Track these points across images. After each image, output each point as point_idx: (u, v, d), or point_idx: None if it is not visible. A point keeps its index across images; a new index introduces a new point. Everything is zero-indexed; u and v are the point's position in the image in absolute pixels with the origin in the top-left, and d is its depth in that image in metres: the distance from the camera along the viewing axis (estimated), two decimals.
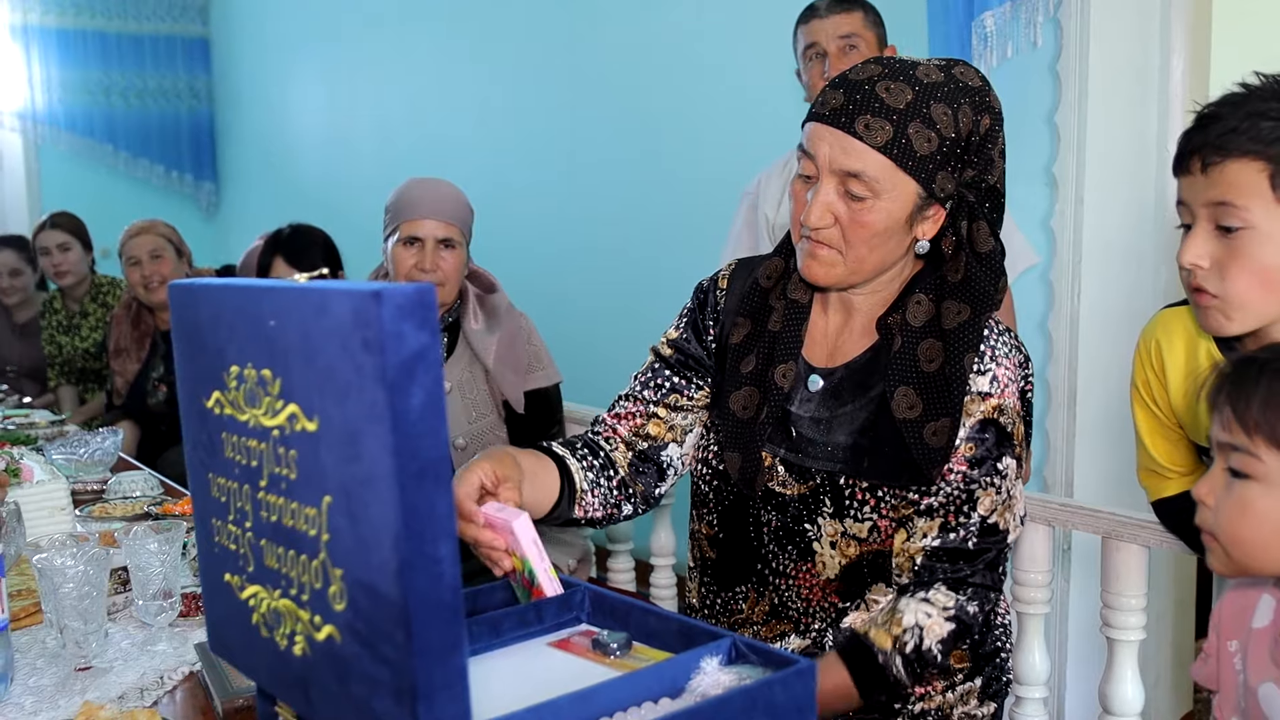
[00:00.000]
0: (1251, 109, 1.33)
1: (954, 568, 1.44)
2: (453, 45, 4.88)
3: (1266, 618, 1.20)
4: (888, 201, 1.40)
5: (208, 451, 0.98)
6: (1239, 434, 1.11)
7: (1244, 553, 1.13)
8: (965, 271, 1.45)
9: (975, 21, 2.71)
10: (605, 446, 1.61)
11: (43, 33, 6.42)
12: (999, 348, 1.46)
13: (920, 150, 1.38)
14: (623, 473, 1.60)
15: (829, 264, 1.45)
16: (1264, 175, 1.33)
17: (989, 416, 1.44)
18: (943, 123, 1.38)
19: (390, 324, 0.74)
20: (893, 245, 1.44)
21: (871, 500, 1.46)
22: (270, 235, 3.16)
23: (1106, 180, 2.67)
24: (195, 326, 0.96)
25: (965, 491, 1.44)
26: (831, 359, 1.54)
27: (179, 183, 6.85)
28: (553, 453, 1.55)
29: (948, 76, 1.41)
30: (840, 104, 1.40)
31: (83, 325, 4.29)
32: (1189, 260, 1.40)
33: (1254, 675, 1.19)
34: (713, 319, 1.62)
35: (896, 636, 1.41)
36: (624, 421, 1.63)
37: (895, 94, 1.38)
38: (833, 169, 1.41)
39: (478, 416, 2.41)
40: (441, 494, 0.77)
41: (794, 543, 1.52)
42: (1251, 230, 1.34)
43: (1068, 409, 2.74)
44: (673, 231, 3.82)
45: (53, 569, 1.42)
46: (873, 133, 1.37)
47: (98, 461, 2.54)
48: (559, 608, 1.19)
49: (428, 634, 0.77)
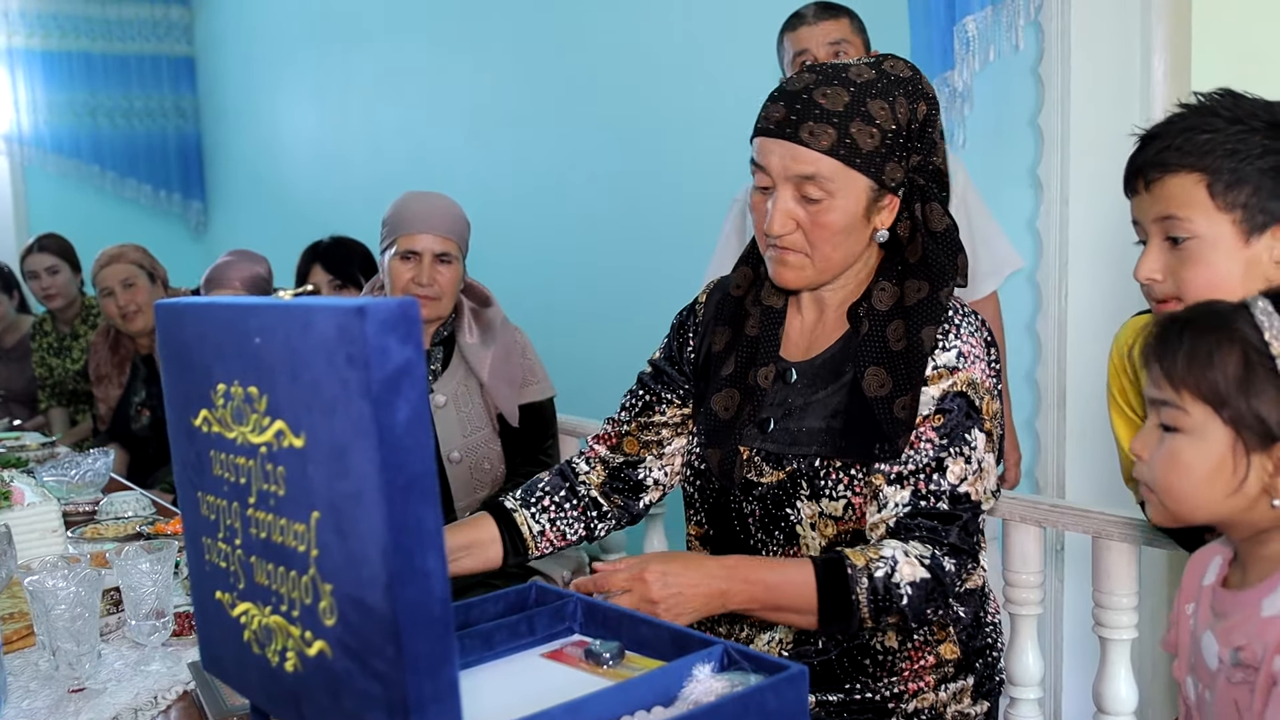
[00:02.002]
0: (1186, 125, 1.41)
1: (929, 525, 1.45)
2: (442, 58, 4.89)
3: (1213, 575, 1.26)
4: (843, 199, 1.47)
5: (196, 470, 0.98)
6: (1167, 389, 1.17)
7: (1176, 501, 1.19)
8: (923, 250, 1.52)
9: (957, 26, 2.73)
10: (582, 468, 1.73)
11: (28, 55, 6.41)
12: (963, 326, 1.51)
13: (865, 146, 1.45)
14: (594, 493, 1.72)
15: (798, 268, 1.52)
16: (1201, 185, 1.39)
17: (958, 389, 1.47)
18: (881, 117, 1.46)
19: (374, 339, 0.74)
20: (854, 239, 1.51)
21: (845, 479, 1.49)
22: (311, 245, 3.16)
23: (1091, 181, 2.68)
24: (182, 345, 0.96)
25: (935, 460, 1.46)
26: (808, 353, 1.59)
27: (167, 202, 6.83)
28: (501, 508, 1.68)
29: (879, 73, 1.49)
30: (783, 116, 1.47)
31: (73, 347, 4.28)
32: (1144, 275, 1.46)
33: (1200, 628, 1.24)
34: (692, 332, 1.70)
35: (871, 559, 1.41)
36: (602, 442, 1.74)
37: (833, 98, 1.45)
38: (786, 176, 1.48)
39: (472, 430, 2.41)
40: (429, 507, 0.77)
41: (779, 528, 1.55)
42: (1198, 239, 1.41)
43: (1057, 410, 2.75)
44: (666, 244, 3.83)
45: (45, 591, 1.42)
46: (817, 138, 1.45)
47: (89, 483, 2.54)
48: (551, 618, 1.19)
49: (418, 647, 0.77)
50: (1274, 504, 1.14)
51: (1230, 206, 1.39)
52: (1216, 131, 1.38)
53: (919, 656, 1.54)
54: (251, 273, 3.36)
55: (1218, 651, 1.18)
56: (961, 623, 1.57)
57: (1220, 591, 1.23)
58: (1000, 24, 2.70)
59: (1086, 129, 2.67)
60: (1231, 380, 1.13)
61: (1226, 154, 1.38)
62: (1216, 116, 1.39)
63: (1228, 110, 1.40)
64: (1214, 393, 1.13)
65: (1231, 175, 1.38)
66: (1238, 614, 1.18)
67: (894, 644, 1.53)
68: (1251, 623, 1.15)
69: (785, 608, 1.42)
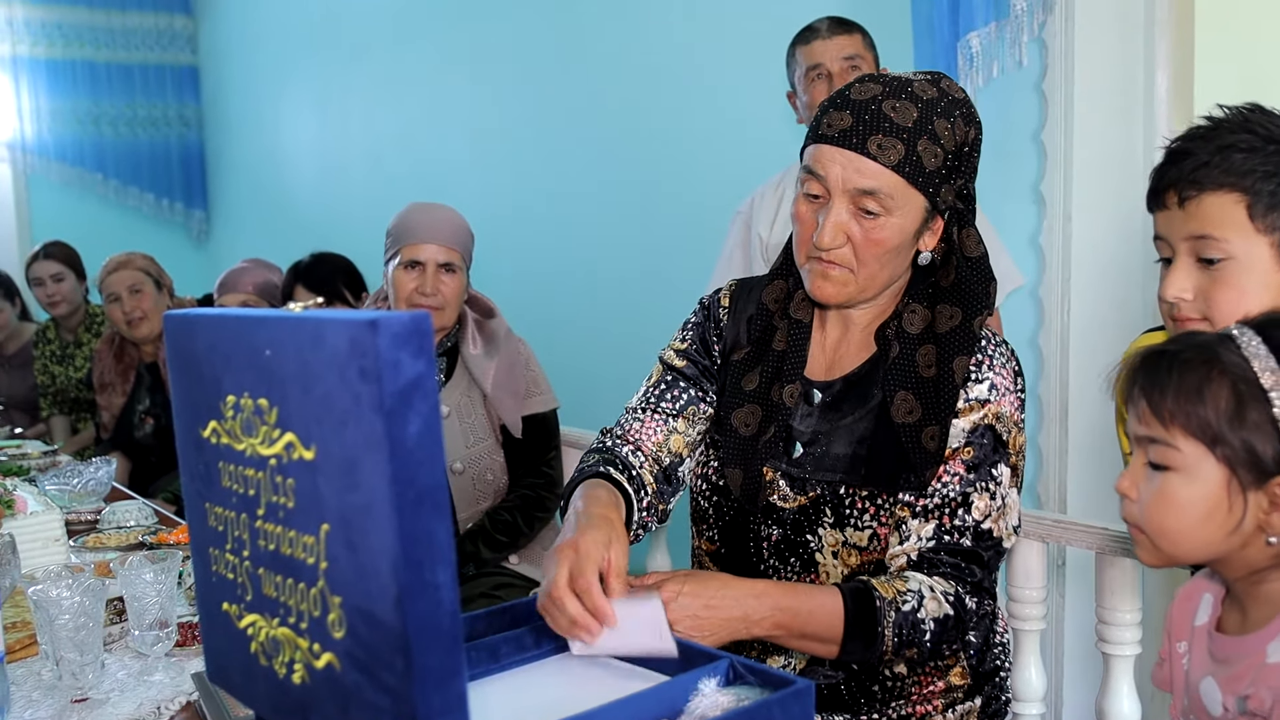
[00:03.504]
0: (1222, 142, 1.36)
1: (953, 562, 1.43)
2: (444, 69, 4.90)
3: (1206, 615, 1.23)
4: (899, 218, 1.43)
5: (204, 481, 0.98)
6: (1156, 426, 1.13)
7: (1171, 543, 1.16)
8: (956, 275, 1.48)
9: (961, 41, 2.73)
10: (634, 464, 1.56)
11: (32, 63, 6.44)
12: (996, 357, 1.48)
13: (929, 165, 1.41)
14: (650, 492, 1.56)
15: (841, 283, 1.47)
16: (1241, 206, 1.35)
17: (987, 422, 1.45)
18: (945, 137, 1.42)
19: (387, 352, 0.75)
20: (901, 259, 1.48)
21: (871, 509, 1.46)
22: (293, 265, 3.17)
23: (1094, 197, 2.69)
24: (191, 356, 0.96)
25: (960, 494, 1.44)
26: (830, 372, 1.55)
27: (169, 211, 6.85)
28: (622, 488, 1.48)
29: (940, 91, 1.45)
30: (849, 125, 1.42)
31: (77, 355, 4.29)
32: (1173, 294, 1.42)
33: (1195, 671, 1.21)
34: (716, 335, 1.64)
35: (900, 591, 1.38)
36: (647, 434, 1.58)
37: (902, 112, 1.41)
38: (845, 189, 1.42)
39: (475, 441, 2.42)
40: (440, 521, 0.77)
41: (796, 554, 1.52)
42: (1233, 261, 1.37)
43: (1060, 424, 2.75)
44: (667, 255, 3.83)
45: (48, 600, 1.42)
46: (886, 152, 1.40)
47: (91, 491, 2.54)
48: (557, 632, 1.19)
49: (428, 660, 0.77)
50: (1269, 541, 1.11)
51: (1270, 229, 1.35)
52: (1254, 151, 1.34)
53: (928, 682, 1.52)
54: (264, 279, 3.39)
55: (1221, 700, 1.15)
56: (972, 647, 1.55)
57: (1218, 636, 1.20)
58: (1004, 40, 2.71)
59: (1089, 145, 2.68)
60: (1223, 415, 1.09)
61: (1266, 175, 1.34)
62: (1251, 134, 1.35)
63: (1262, 128, 1.35)
64: (1206, 429, 1.10)
65: (1272, 197, 1.34)
66: (1241, 661, 1.14)
67: (903, 670, 1.51)
68: (1257, 670, 1.11)
69: (810, 635, 1.37)
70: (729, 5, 3.58)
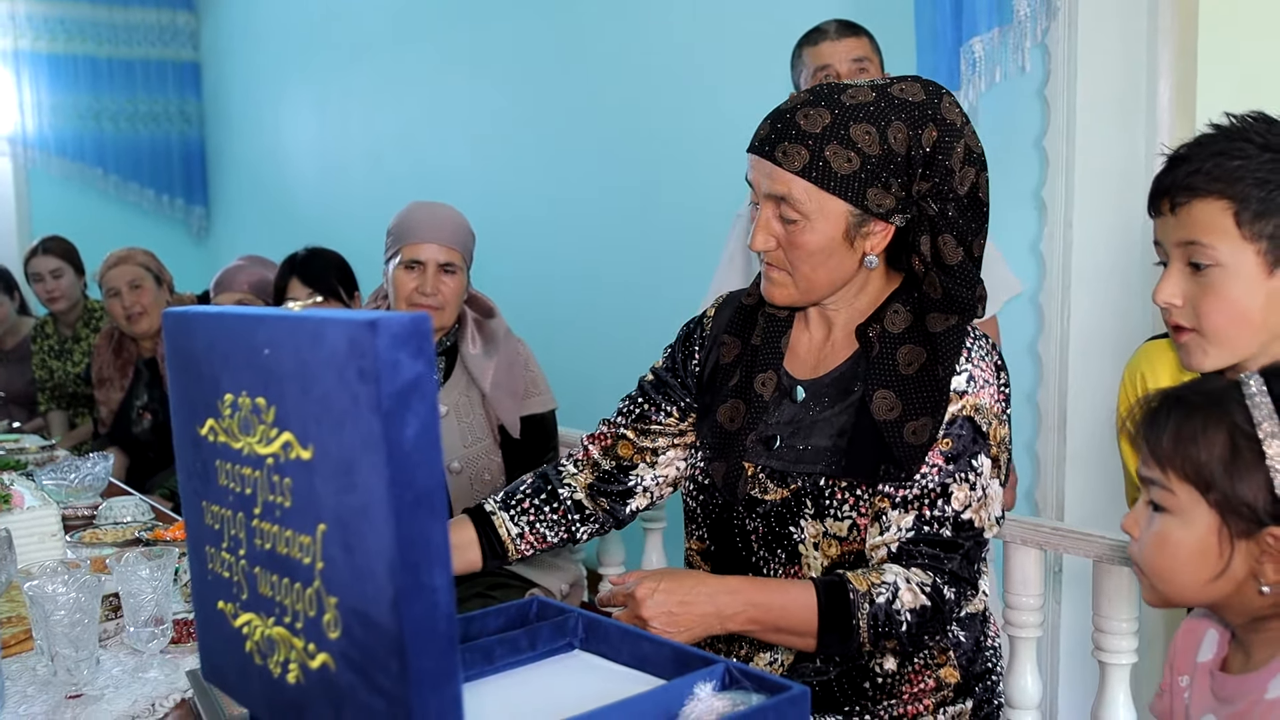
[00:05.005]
0: (1217, 149, 1.37)
1: (931, 553, 1.45)
2: (445, 69, 4.90)
3: (1210, 652, 1.23)
4: (818, 221, 1.46)
5: (201, 479, 0.98)
6: (1154, 468, 1.14)
7: (1165, 584, 1.16)
8: (943, 289, 1.49)
9: (963, 47, 2.73)
10: (569, 470, 1.72)
11: (34, 58, 6.44)
12: (974, 351, 1.50)
13: (841, 170, 1.43)
14: (579, 495, 1.70)
15: (781, 284, 1.53)
16: (1228, 213, 1.36)
17: (966, 414, 1.46)
18: (864, 141, 1.43)
19: (386, 353, 0.74)
20: (836, 262, 1.49)
21: (850, 499, 1.48)
22: (287, 258, 3.17)
23: (1095, 204, 2.69)
24: (189, 354, 0.96)
25: (940, 485, 1.45)
26: (815, 371, 1.59)
27: (169, 207, 6.85)
28: (480, 511, 1.68)
29: (880, 95, 1.46)
30: (765, 134, 1.48)
31: (75, 350, 4.28)
32: (1163, 299, 1.43)
33: (1196, 707, 1.21)
34: (698, 345, 1.69)
35: (873, 584, 1.41)
36: (595, 442, 1.73)
37: (812, 119, 1.44)
38: (766, 195, 1.48)
39: (473, 441, 2.41)
40: (437, 523, 0.77)
41: (781, 546, 1.54)
42: (1220, 268, 1.38)
43: (1058, 432, 2.75)
44: (668, 256, 3.83)
45: (44, 596, 1.42)
46: (790, 159, 1.44)
47: (88, 486, 2.53)
48: (552, 633, 1.19)
49: (423, 663, 0.77)
50: (1262, 590, 1.10)
51: (1256, 236, 1.35)
52: (1248, 158, 1.35)
53: (919, 680, 1.53)
54: (260, 277, 3.38)
55: None
56: (962, 647, 1.56)
57: (1220, 675, 1.19)
58: (1007, 46, 2.71)
59: (1091, 151, 2.68)
60: (1217, 462, 1.09)
61: (1256, 182, 1.34)
62: (1249, 142, 1.36)
63: (1260, 136, 1.36)
64: (1199, 474, 1.10)
65: (1260, 204, 1.34)
66: (1243, 700, 1.14)
67: (894, 667, 1.52)
68: (1258, 707, 1.11)
69: (785, 629, 1.42)
70: (730, 6, 3.58)
